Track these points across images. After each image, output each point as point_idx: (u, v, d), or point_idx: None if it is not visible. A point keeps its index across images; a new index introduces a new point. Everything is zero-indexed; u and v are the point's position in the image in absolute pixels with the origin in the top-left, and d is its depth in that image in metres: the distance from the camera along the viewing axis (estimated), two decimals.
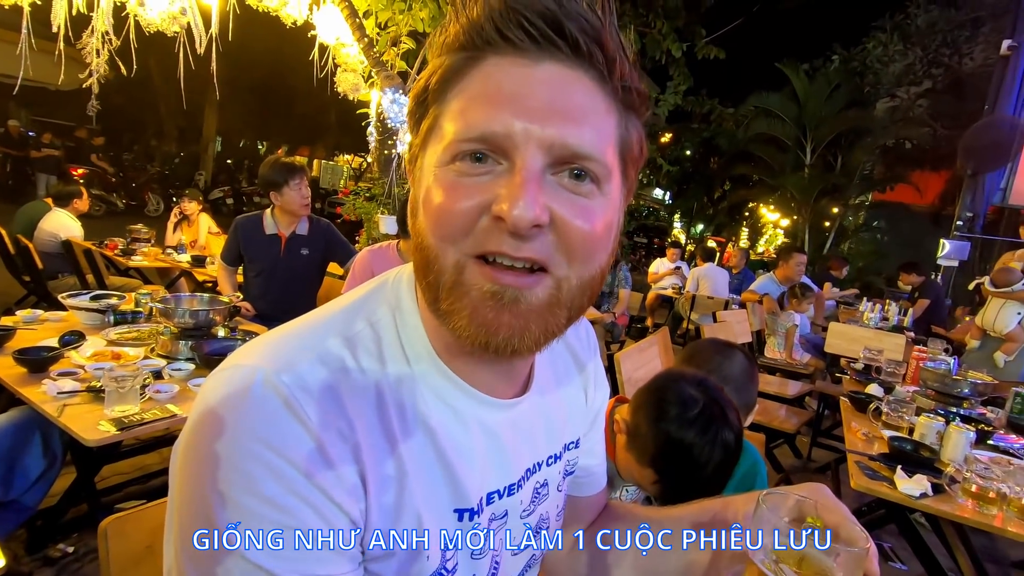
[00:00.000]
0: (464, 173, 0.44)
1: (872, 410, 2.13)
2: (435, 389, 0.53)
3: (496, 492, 0.57)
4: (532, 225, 0.42)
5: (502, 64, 0.44)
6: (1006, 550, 2.76)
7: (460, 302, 0.46)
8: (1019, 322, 3.56)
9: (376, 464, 0.48)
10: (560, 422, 0.66)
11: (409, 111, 0.51)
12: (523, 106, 0.43)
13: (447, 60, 0.47)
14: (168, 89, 14.16)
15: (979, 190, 7.42)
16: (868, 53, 10.77)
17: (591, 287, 0.48)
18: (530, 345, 0.47)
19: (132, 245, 4.69)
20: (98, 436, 1.46)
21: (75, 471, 1.90)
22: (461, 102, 0.45)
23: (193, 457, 0.44)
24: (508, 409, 0.57)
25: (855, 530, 0.51)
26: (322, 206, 13.48)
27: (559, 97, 0.44)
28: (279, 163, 2.94)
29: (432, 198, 0.45)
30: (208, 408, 0.45)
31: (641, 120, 0.51)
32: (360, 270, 2.69)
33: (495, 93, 0.44)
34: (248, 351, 0.48)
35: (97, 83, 3.55)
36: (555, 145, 0.43)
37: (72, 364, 1.85)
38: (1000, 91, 7.30)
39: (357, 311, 0.54)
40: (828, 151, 11.44)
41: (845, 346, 3.92)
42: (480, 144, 0.44)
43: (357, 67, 4.57)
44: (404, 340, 0.53)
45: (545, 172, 0.44)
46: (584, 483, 0.75)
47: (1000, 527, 1.46)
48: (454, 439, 0.53)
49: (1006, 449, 1.99)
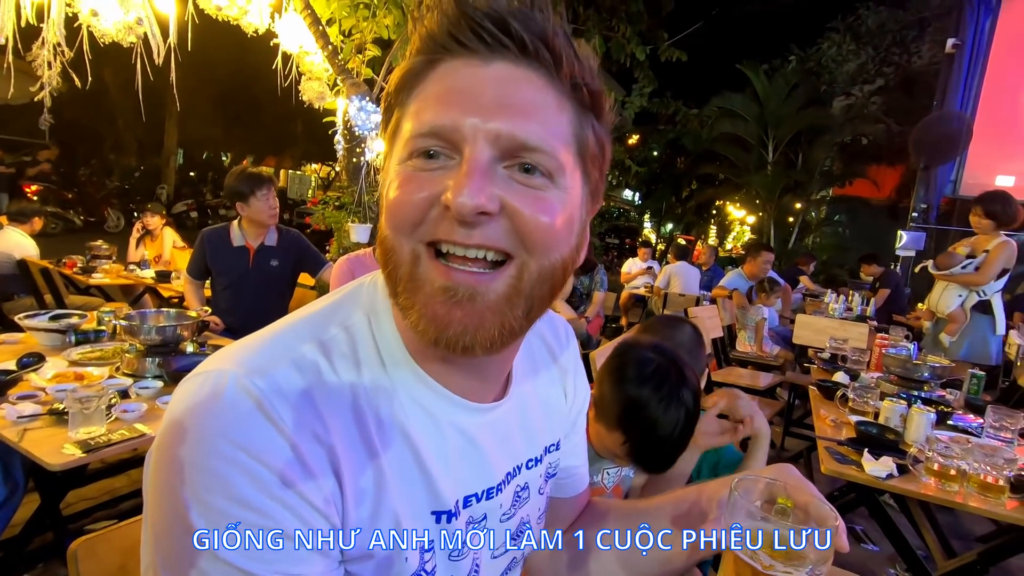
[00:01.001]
0: (418, 168, 0.46)
1: (839, 397, 2.20)
2: (411, 393, 0.53)
3: (474, 495, 0.58)
4: (476, 212, 0.43)
5: (455, 65, 0.47)
6: (969, 526, 2.88)
7: (414, 296, 0.47)
8: (960, 304, 3.72)
9: (353, 467, 0.48)
10: (540, 425, 0.67)
11: (382, 118, 0.53)
12: (472, 102, 0.45)
13: (408, 65, 0.49)
14: (126, 101, 13.78)
15: (932, 183, 7.73)
16: (823, 53, 11.16)
17: (552, 278, 0.49)
18: (485, 342, 0.47)
19: (92, 262, 4.53)
20: (63, 460, 1.41)
21: (39, 498, 1.82)
22: (418, 103, 0.48)
23: (165, 462, 0.44)
24: (486, 413, 0.58)
25: (823, 508, 0.53)
26: (290, 217, 13.27)
27: (507, 93, 0.45)
28: (245, 173, 2.89)
29: (390, 192, 0.47)
30: (179, 413, 0.45)
31: (601, 120, 0.52)
32: (341, 277, 2.66)
33: (447, 92, 0.46)
34: (219, 357, 0.48)
35: (49, 96, 3.44)
36: (501, 137, 0.44)
37: (32, 387, 1.78)
38: (947, 87, 7.62)
39: (331, 315, 0.54)
40: (789, 149, 11.80)
41: (812, 337, 4.03)
42: (432, 139, 0.45)
43: (322, 75, 4.53)
44: (380, 344, 0.53)
45: (494, 164, 0.45)
46: (566, 484, 0.75)
47: (962, 503, 1.53)
48: (430, 443, 0.53)
49: (965, 428, 2.08)
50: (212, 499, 0.42)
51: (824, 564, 0.50)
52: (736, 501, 0.54)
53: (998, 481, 1.52)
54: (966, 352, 3.70)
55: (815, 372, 2.94)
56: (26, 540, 1.87)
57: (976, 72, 7.51)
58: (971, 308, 3.71)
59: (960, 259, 3.66)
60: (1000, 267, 3.54)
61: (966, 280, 3.66)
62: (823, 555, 0.50)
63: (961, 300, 3.72)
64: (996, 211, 3.51)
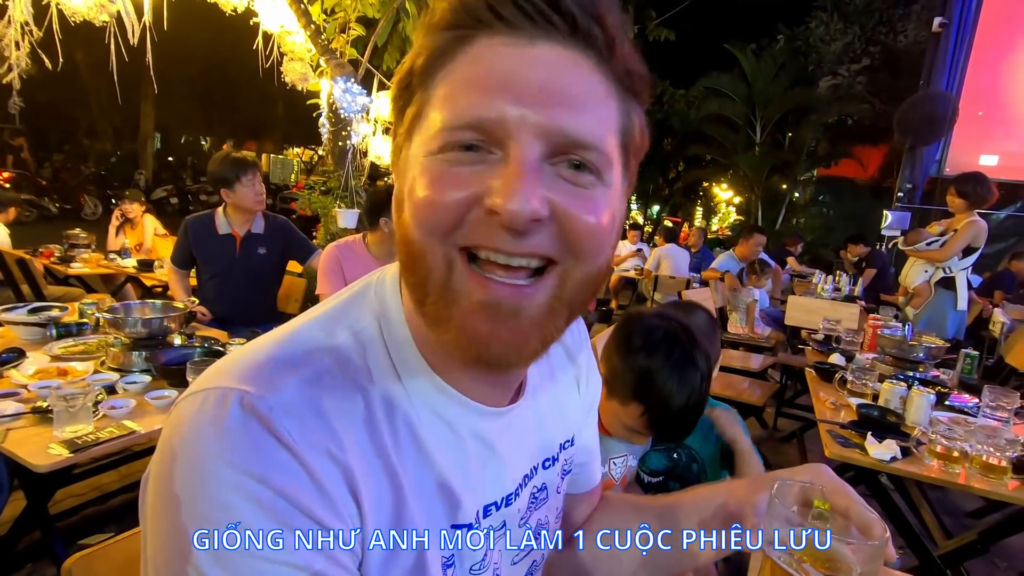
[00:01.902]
0: (454, 162, 0.41)
1: (838, 379, 2.20)
2: (428, 402, 0.49)
3: (494, 504, 0.55)
4: (531, 219, 0.39)
5: (493, 44, 0.40)
6: (959, 502, 2.93)
7: (448, 311, 0.42)
8: (927, 280, 3.88)
9: (370, 486, 0.44)
10: (556, 423, 0.64)
11: (393, 97, 0.47)
12: (518, 90, 0.39)
13: (433, 41, 0.43)
14: (99, 83, 13.35)
15: (917, 162, 7.78)
16: (811, 32, 11.11)
17: (594, 283, 0.45)
18: (528, 357, 0.44)
19: (70, 252, 4.39)
20: (49, 460, 1.35)
21: (25, 497, 1.76)
22: (449, 87, 0.42)
23: (166, 492, 0.40)
24: (502, 416, 0.54)
25: (867, 514, 0.50)
26: (274, 202, 13.02)
27: (556, 80, 0.40)
28: (229, 158, 2.79)
29: (418, 189, 0.42)
30: (180, 437, 0.40)
31: (643, 106, 0.47)
32: (329, 266, 2.60)
33: (487, 76, 0.40)
34: (220, 372, 0.44)
35: (19, 78, 3.29)
36: (552, 132, 0.40)
37: (13, 384, 1.70)
38: (933, 67, 7.64)
39: (338, 320, 0.49)
40: (777, 129, 11.81)
41: (804, 317, 4.06)
42: (471, 132, 0.40)
43: (304, 56, 4.39)
44: (392, 351, 0.49)
45: (542, 162, 0.41)
46: (579, 479, 0.73)
47: (964, 484, 1.53)
48: (449, 454, 0.50)
49: (961, 408, 2.10)
50: (221, 532, 0.38)
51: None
52: (776, 507, 0.50)
53: (1001, 462, 1.52)
54: (925, 324, 3.84)
55: (810, 354, 2.95)
56: (13, 541, 1.81)
57: (962, 52, 7.53)
58: (935, 283, 3.86)
59: (927, 236, 3.82)
60: (963, 245, 3.67)
61: (929, 256, 3.82)
62: (872, 568, 0.47)
63: (928, 275, 3.89)
64: (967, 191, 3.63)
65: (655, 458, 1.36)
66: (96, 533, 2.16)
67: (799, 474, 0.56)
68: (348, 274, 2.62)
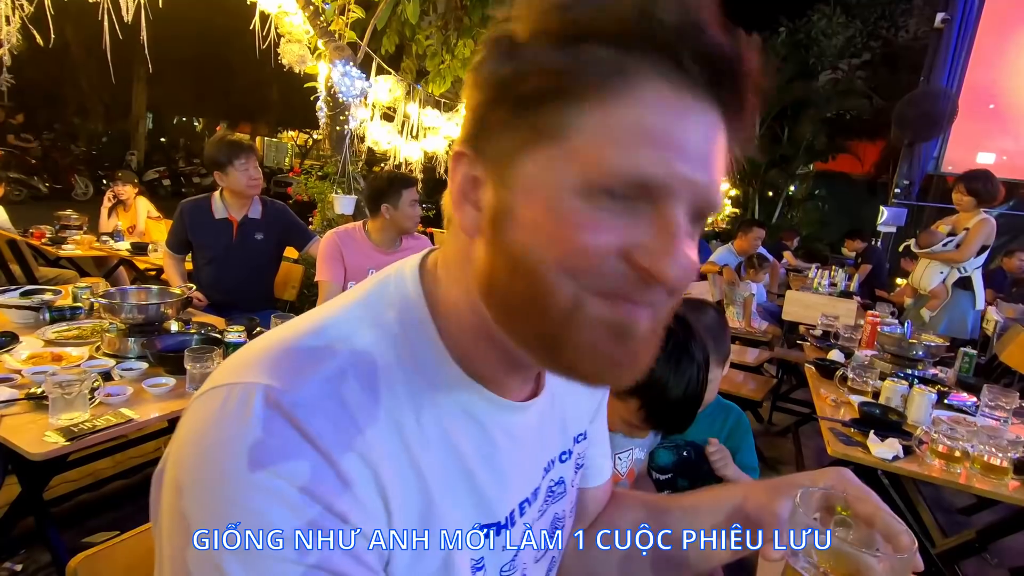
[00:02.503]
0: (602, 208, 0.37)
1: (839, 376, 2.21)
2: (454, 397, 0.48)
3: (526, 500, 0.54)
4: (688, 283, 0.39)
5: (660, 93, 0.36)
6: (951, 498, 2.96)
7: (570, 334, 0.40)
8: (942, 281, 3.81)
9: (397, 483, 0.43)
10: (571, 415, 0.63)
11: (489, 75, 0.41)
12: (682, 152, 0.37)
13: (585, 56, 0.36)
14: (89, 61, 13.09)
15: (915, 159, 7.79)
16: (813, 25, 11.05)
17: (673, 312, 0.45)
18: (637, 377, 0.43)
19: (62, 233, 4.32)
20: (45, 449, 1.32)
21: (19, 484, 1.74)
22: (604, 127, 0.37)
23: (187, 492, 0.38)
24: (526, 410, 0.53)
25: (893, 524, 0.48)
26: (268, 185, 12.88)
27: (711, 145, 0.38)
28: (224, 140, 2.73)
29: (549, 224, 0.38)
30: (202, 435, 0.39)
31: None
32: (328, 252, 2.57)
33: (653, 131, 0.36)
34: (242, 365, 0.42)
35: (9, 54, 3.20)
36: (701, 198, 0.39)
37: (6, 369, 1.67)
38: (934, 63, 7.62)
39: (361, 315, 0.48)
40: (776, 123, 11.77)
41: (801, 313, 4.07)
42: (632, 188, 0.37)
43: (303, 37, 4.31)
44: (416, 347, 0.47)
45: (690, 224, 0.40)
46: (589, 474, 0.72)
47: (965, 484, 1.54)
48: (479, 452, 0.49)
49: (960, 407, 2.11)
50: (243, 532, 0.36)
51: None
52: (799, 515, 0.49)
53: (1003, 463, 1.53)
54: (945, 327, 3.80)
55: (808, 350, 2.96)
56: (7, 527, 1.79)
57: (963, 48, 7.51)
58: (952, 284, 3.81)
59: (941, 237, 3.74)
60: (980, 244, 3.64)
61: (947, 257, 3.75)
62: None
63: (943, 277, 3.82)
64: (978, 189, 3.57)
65: (664, 455, 1.35)
66: (90, 519, 2.14)
67: (821, 478, 0.54)
68: (348, 261, 2.59)
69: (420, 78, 5.37)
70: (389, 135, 5.19)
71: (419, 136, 5.42)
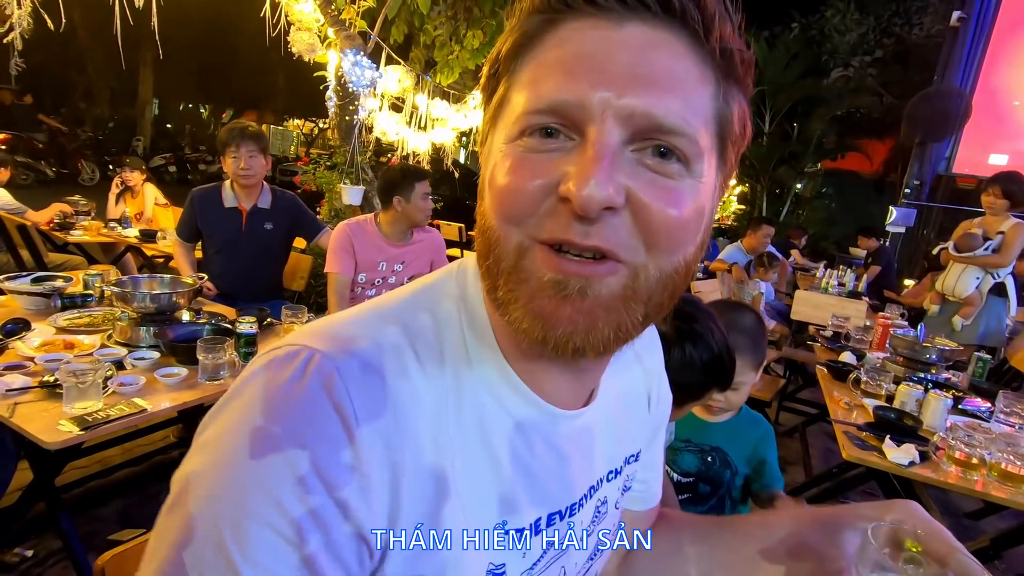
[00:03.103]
0: (532, 149, 0.39)
1: (852, 379, 2.19)
2: (497, 395, 0.47)
3: (558, 513, 0.52)
4: (602, 207, 0.36)
5: (581, 27, 0.39)
6: (957, 502, 2.95)
7: (517, 290, 0.40)
8: (977, 287, 3.64)
9: (414, 470, 0.41)
10: (623, 433, 0.60)
11: (482, 85, 0.45)
12: (601, 73, 0.37)
13: (522, 25, 0.41)
14: (96, 46, 13.04)
15: (926, 159, 7.72)
16: (827, 21, 10.92)
17: (674, 282, 0.42)
18: (597, 344, 0.40)
19: (70, 219, 4.31)
20: (60, 438, 1.32)
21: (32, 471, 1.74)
22: (532, 71, 0.40)
23: (221, 429, 0.39)
24: (573, 420, 0.51)
25: (968, 563, 0.44)
26: (273, 174, 12.85)
27: (643, 62, 0.37)
28: (226, 127, 2.74)
29: (497, 176, 0.41)
30: (246, 382, 0.40)
31: (746, 92, 0.43)
32: (339, 244, 2.55)
33: (571, 59, 0.38)
34: (303, 332, 0.43)
35: (20, 38, 3.18)
36: (635, 115, 0.37)
37: (19, 356, 1.67)
38: (949, 62, 7.53)
39: (419, 302, 0.48)
40: (786, 119, 11.67)
41: (811, 313, 4.04)
42: (550, 117, 0.38)
43: (313, 26, 4.27)
44: (468, 338, 0.47)
45: (623, 148, 0.38)
46: (639, 497, 0.69)
47: (982, 491, 1.53)
48: (514, 453, 0.47)
49: (974, 413, 2.09)
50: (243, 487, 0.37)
51: None
52: (871, 550, 0.45)
53: (1020, 470, 1.52)
54: (982, 335, 3.65)
55: (819, 351, 2.94)
56: (20, 513, 1.79)
57: (979, 48, 7.42)
58: (987, 291, 3.64)
59: (980, 241, 3.54)
60: (1020, 248, 3.46)
61: (987, 262, 3.55)
62: None
63: (978, 283, 3.63)
64: (1015, 191, 3.39)
65: (689, 459, 1.34)
66: (99, 507, 2.15)
67: (887, 511, 0.50)
68: (359, 253, 2.57)
69: (428, 68, 5.33)
70: (397, 126, 5.16)
71: (427, 127, 5.38)
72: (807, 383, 4.06)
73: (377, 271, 2.61)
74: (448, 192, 9.29)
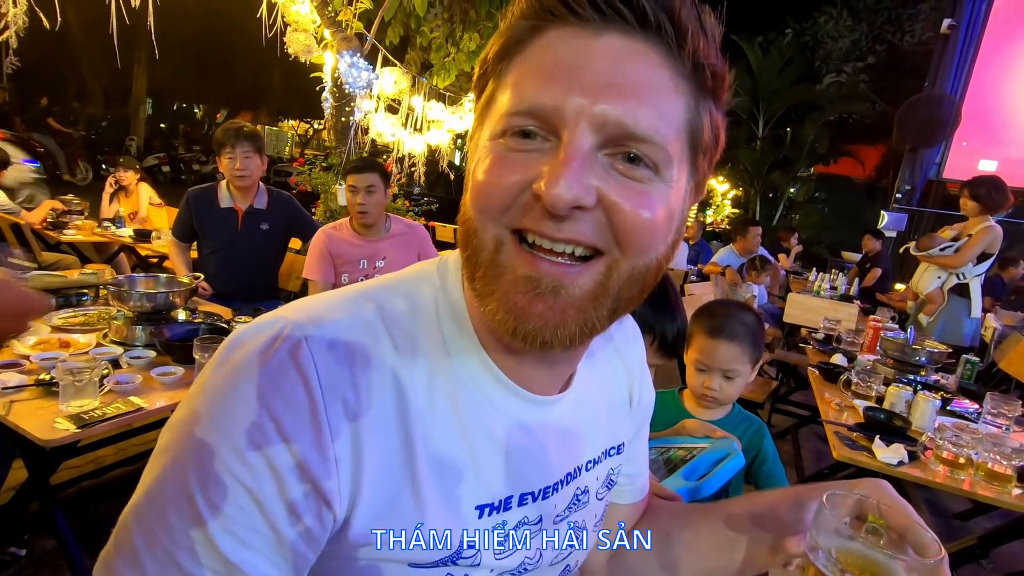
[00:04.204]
0: (511, 148, 0.42)
1: (843, 381, 2.22)
2: (473, 379, 0.49)
3: (530, 494, 0.53)
4: (570, 206, 0.39)
5: (563, 35, 0.41)
6: (947, 503, 2.99)
7: (494, 283, 0.43)
8: (939, 286, 3.80)
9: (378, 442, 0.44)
10: (602, 424, 0.62)
11: (473, 84, 0.49)
12: (577, 80, 0.40)
13: (510, 30, 0.44)
14: (90, 44, 12.96)
15: (917, 164, 7.81)
16: (820, 28, 11.03)
17: (644, 279, 0.45)
18: (564, 340, 0.44)
19: (63, 218, 4.29)
20: (56, 436, 1.32)
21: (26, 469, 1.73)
22: (516, 74, 0.43)
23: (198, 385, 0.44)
24: (549, 406, 0.54)
25: (924, 535, 0.48)
26: (268, 175, 12.81)
27: (617, 71, 0.40)
28: (224, 127, 2.75)
29: (478, 171, 0.44)
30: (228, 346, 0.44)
31: (720, 105, 0.46)
32: (316, 252, 2.53)
33: (551, 65, 0.41)
34: (285, 307, 0.47)
35: (15, 36, 3.18)
36: (608, 123, 0.40)
37: (14, 355, 1.67)
38: (940, 69, 7.63)
39: (398, 288, 0.51)
40: (779, 124, 11.77)
41: (803, 316, 4.08)
42: (528, 119, 0.41)
43: (309, 27, 4.28)
44: (445, 324, 0.49)
45: (595, 152, 0.41)
46: (626, 490, 0.71)
47: (969, 490, 1.55)
48: (487, 434, 0.50)
49: (962, 414, 2.12)
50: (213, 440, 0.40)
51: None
52: (825, 515, 0.49)
53: (1006, 470, 1.54)
54: (940, 332, 3.78)
55: (811, 353, 2.97)
56: (14, 512, 1.79)
57: (968, 55, 7.52)
58: (948, 290, 3.79)
59: (940, 241, 3.73)
60: (978, 251, 3.59)
61: (943, 262, 3.74)
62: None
63: (940, 281, 3.80)
64: (980, 194, 3.54)
65: None
66: (93, 506, 2.14)
67: (858, 487, 0.54)
68: (336, 257, 2.54)
69: (424, 71, 5.35)
70: (393, 127, 5.18)
71: (423, 129, 5.40)
72: (799, 385, 4.09)
73: (359, 269, 2.59)
74: (443, 194, 9.32)
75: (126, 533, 0.42)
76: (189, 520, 0.39)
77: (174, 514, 0.40)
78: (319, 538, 0.43)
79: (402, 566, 0.46)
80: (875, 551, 0.47)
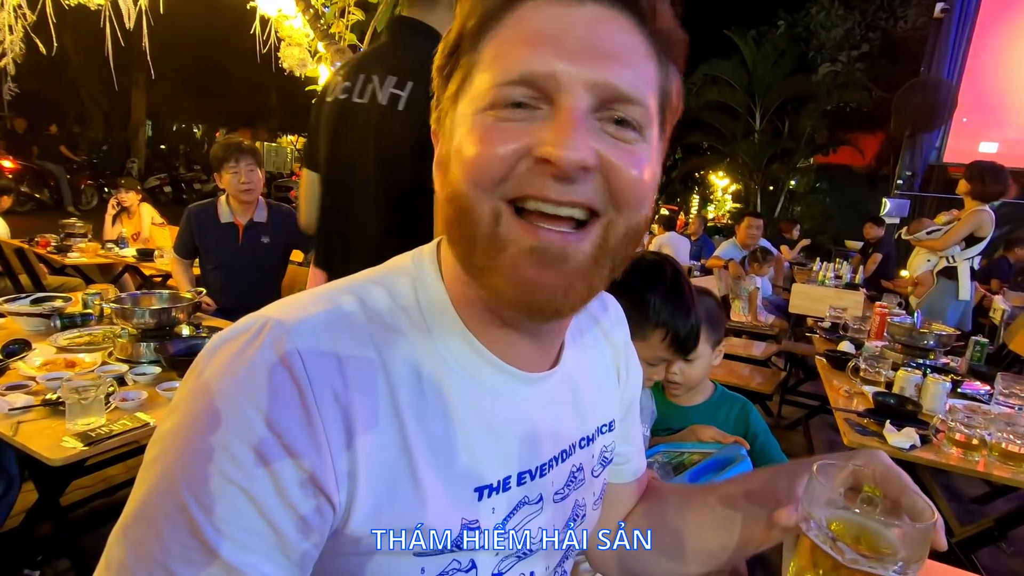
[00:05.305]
0: (502, 119, 0.42)
1: (851, 367, 2.20)
2: (460, 363, 0.49)
3: (527, 472, 0.53)
4: (580, 167, 0.40)
5: (538, 5, 0.42)
6: (964, 488, 2.95)
7: (496, 258, 0.43)
8: (930, 269, 3.88)
9: (372, 433, 0.43)
10: (592, 400, 0.63)
11: (437, 67, 0.48)
12: (565, 46, 0.41)
13: (480, 7, 0.45)
14: (88, 69, 13.09)
15: (917, 150, 7.76)
16: (811, 18, 11.02)
17: (636, 236, 0.46)
18: (574, 304, 0.45)
19: (67, 241, 4.33)
20: (64, 454, 1.33)
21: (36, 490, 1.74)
22: (497, 47, 0.43)
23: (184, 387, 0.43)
24: (538, 383, 0.54)
25: (918, 501, 0.48)
26: (268, 190, 12.88)
27: (602, 36, 0.42)
28: (222, 142, 2.78)
29: (466, 146, 0.43)
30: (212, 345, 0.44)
31: (680, 70, 0.49)
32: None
33: (535, 34, 0.42)
34: (266, 307, 0.47)
35: (12, 63, 3.21)
36: (599, 85, 0.41)
37: (21, 376, 1.68)
38: (934, 53, 7.59)
39: (375, 280, 0.51)
40: (776, 117, 11.75)
41: (809, 305, 4.06)
42: (521, 87, 0.41)
43: (303, 41, 4.30)
44: (426, 312, 0.49)
45: (590, 115, 0.42)
46: (623, 469, 0.72)
47: (984, 471, 1.53)
48: (479, 416, 0.49)
49: (973, 396, 2.10)
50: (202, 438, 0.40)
51: (918, 564, 0.45)
52: (816, 488, 0.49)
53: (1021, 449, 1.52)
54: (925, 314, 3.76)
55: (818, 342, 2.95)
56: (27, 533, 1.79)
57: (963, 38, 7.48)
58: (938, 273, 3.85)
59: (928, 225, 3.84)
60: (964, 234, 3.63)
61: (929, 245, 3.81)
62: (916, 553, 0.45)
63: (931, 264, 3.89)
64: (972, 178, 3.60)
65: None
66: (105, 525, 2.14)
67: (855, 458, 0.54)
68: None
69: None
70: None
71: None
72: (808, 376, 4.06)
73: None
74: None
75: (116, 550, 0.40)
76: (183, 529, 0.38)
77: (167, 525, 0.38)
78: (319, 532, 0.42)
79: (407, 556, 0.46)
80: (869, 519, 0.46)
